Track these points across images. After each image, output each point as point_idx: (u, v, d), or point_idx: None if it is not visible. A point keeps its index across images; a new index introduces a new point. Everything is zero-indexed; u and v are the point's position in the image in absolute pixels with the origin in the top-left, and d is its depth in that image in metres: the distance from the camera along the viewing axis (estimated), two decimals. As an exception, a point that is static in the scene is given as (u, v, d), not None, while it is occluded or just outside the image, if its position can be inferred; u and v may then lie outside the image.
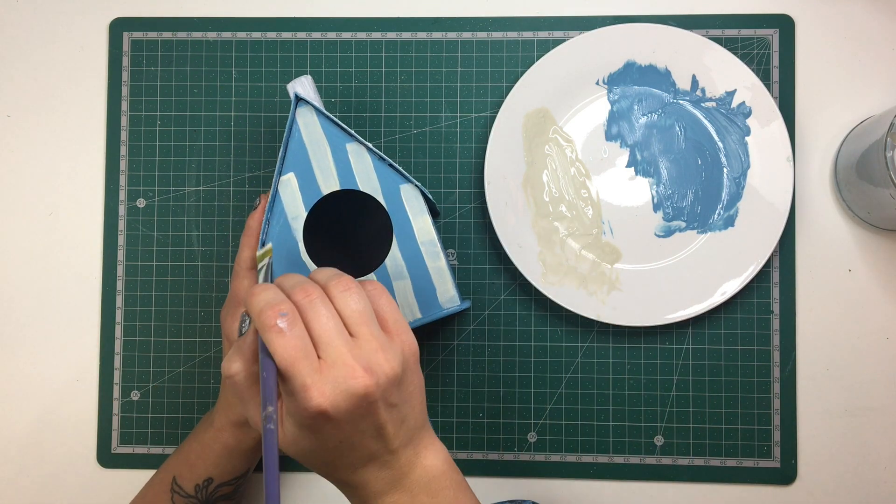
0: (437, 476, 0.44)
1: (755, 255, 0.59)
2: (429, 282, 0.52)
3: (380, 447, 0.42)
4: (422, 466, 0.43)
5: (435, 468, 0.44)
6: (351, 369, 0.39)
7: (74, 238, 0.63)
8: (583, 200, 0.61)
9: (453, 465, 0.45)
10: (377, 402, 0.40)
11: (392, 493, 0.43)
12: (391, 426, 0.42)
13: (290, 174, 0.51)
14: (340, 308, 0.41)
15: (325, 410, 0.39)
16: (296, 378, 0.39)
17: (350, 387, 0.39)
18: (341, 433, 0.40)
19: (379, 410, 0.41)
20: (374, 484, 0.43)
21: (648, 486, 0.61)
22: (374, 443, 0.42)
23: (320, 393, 0.39)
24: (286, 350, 0.39)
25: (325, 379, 0.39)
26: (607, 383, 0.61)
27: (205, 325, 0.62)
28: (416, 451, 0.44)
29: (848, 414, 0.60)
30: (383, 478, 0.43)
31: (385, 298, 0.43)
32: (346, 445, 0.41)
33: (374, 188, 0.51)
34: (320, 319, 0.40)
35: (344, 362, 0.40)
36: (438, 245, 0.51)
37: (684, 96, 0.60)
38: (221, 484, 0.54)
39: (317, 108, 0.51)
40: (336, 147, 0.51)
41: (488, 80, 0.62)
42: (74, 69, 0.63)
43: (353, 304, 0.41)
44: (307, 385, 0.39)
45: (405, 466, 0.43)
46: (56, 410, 0.63)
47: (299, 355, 0.39)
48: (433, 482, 0.44)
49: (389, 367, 0.41)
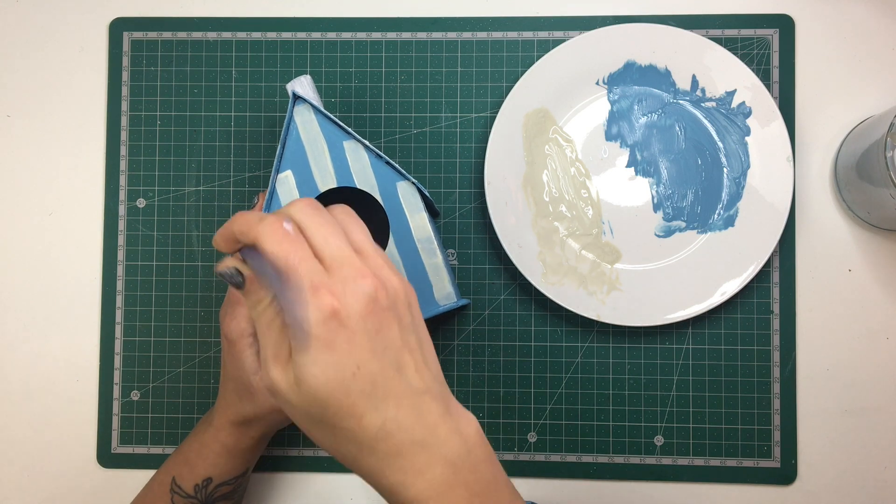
0: (476, 448, 0.39)
1: (755, 255, 0.59)
2: (425, 279, 0.52)
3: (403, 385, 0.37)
4: (460, 434, 0.38)
5: (471, 437, 0.39)
6: (359, 270, 0.37)
7: (74, 238, 0.63)
8: (583, 200, 0.61)
9: (483, 435, 0.40)
10: (388, 311, 0.37)
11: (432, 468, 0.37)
12: (411, 357, 0.38)
13: (287, 172, 0.51)
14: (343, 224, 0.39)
15: (337, 310, 0.36)
16: (304, 277, 0.36)
17: (359, 286, 0.36)
18: (356, 351, 0.36)
19: (392, 324, 0.37)
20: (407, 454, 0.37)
21: (648, 486, 0.61)
22: (395, 376, 0.37)
23: (330, 291, 0.36)
24: (291, 250, 0.36)
25: (333, 279, 0.36)
26: (607, 383, 0.61)
27: (205, 325, 0.62)
28: (448, 413, 0.39)
29: (848, 414, 0.60)
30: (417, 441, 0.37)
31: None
32: (364, 374, 0.36)
33: (371, 186, 0.51)
34: (323, 226, 0.38)
35: (351, 264, 0.37)
36: (435, 242, 0.52)
37: (684, 96, 0.60)
38: (221, 484, 0.54)
39: (314, 106, 0.51)
40: (333, 145, 0.51)
41: (488, 80, 0.62)
42: (74, 69, 0.64)
43: (357, 226, 0.40)
44: (316, 284, 0.36)
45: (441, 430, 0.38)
46: (56, 410, 0.63)
47: (305, 255, 0.36)
48: (473, 454, 0.39)
49: (398, 279, 0.38)
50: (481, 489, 0.38)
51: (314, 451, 0.62)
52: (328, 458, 0.62)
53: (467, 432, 0.39)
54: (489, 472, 0.39)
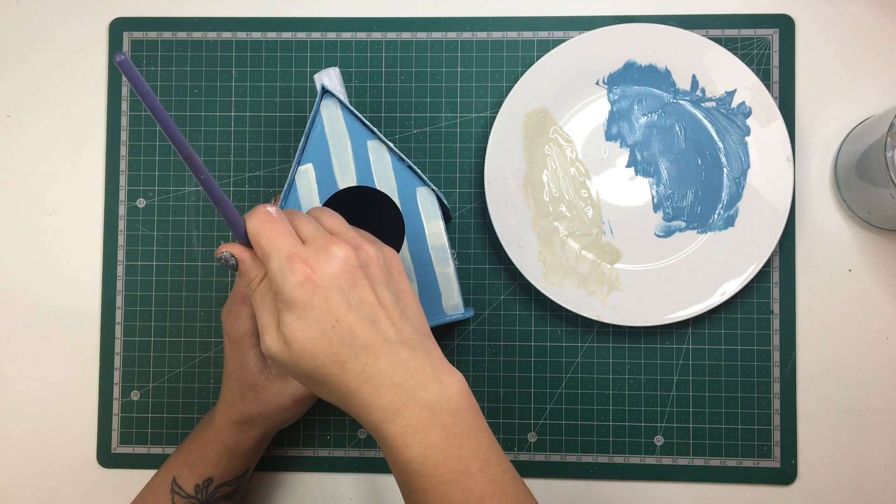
0: (457, 396, 0.42)
1: (755, 255, 0.59)
2: (435, 287, 0.52)
3: (378, 336, 0.41)
4: (441, 382, 0.42)
5: (455, 386, 0.43)
6: (331, 240, 0.42)
7: (74, 238, 0.63)
8: (583, 200, 0.61)
9: (469, 390, 0.44)
10: (359, 269, 0.42)
11: (410, 408, 0.41)
12: (384, 311, 0.42)
13: (308, 165, 0.51)
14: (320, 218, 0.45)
15: (310, 275, 0.41)
16: (281, 250, 0.41)
17: (330, 251, 0.41)
18: (333, 308, 0.41)
19: (363, 281, 0.42)
20: (386, 393, 0.41)
21: (648, 486, 0.61)
22: (371, 328, 0.41)
23: (303, 259, 0.41)
24: (271, 228, 0.42)
25: (307, 249, 0.42)
26: (607, 383, 0.61)
27: (205, 325, 0.62)
28: (430, 362, 0.43)
29: (848, 414, 0.60)
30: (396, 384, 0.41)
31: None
32: (342, 328, 0.41)
33: (391, 188, 0.51)
34: (302, 220, 0.44)
35: (325, 236, 0.43)
36: (448, 252, 0.51)
37: (684, 96, 0.60)
38: (221, 484, 0.54)
39: (342, 101, 0.50)
40: (357, 143, 0.51)
41: (488, 80, 0.62)
42: (74, 69, 0.64)
43: (333, 218, 0.45)
44: (291, 254, 0.41)
45: (419, 376, 0.42)
46: (56, 410, 0.63)
47: (283, 231, 0.42)
48: (454, 402, 0.42)
49: (371, 248, 0.43)
50: (460, 432, 0.42)
51: (314, 451, 0.62)
52: (328, 458, 0.62)
53: (448, 382, 0.43)
54: (469, 418, 0.43)
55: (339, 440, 0.62)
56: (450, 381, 0.43)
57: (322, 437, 0.62)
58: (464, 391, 0.43)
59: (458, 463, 0.41)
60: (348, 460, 0.61)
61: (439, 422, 0.42)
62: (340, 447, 0.61)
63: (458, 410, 0.42)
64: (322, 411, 0.62)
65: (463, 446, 0.42)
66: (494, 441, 0.44)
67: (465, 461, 0.42)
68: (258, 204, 0.62)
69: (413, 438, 0.41)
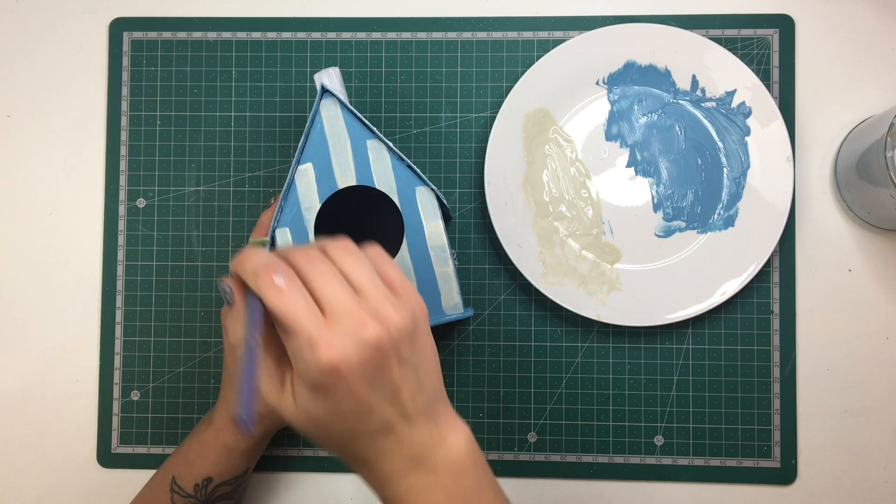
0: (461, 456, 0.41)
1: (755, 255, 0.59)
2: (434, 287, 0.52)
3: (396, 413, 0.40)
4: (445, 445, 0.41)
5: (459, 447, 0.41)
6: (359, 318, 0.38)
7: (74, 238, 0.63)
8: (583, 200, 0.61)
9: (477, 445, 0.43)
10: (389, 354, 0.38)
11: (414, 473, 0.40)
12: (406, 388, 0.40)
13: (308, 164, 0.51)
14: (341, 266, 0.40)
15: (337, 365, 0.37)
16: (301, 333, 0.37)
17: (361, 336, 0.37)
18: (355, 394, 0.38)
19: (392, 365, 0.39)
20: (393, 460, 0.40)
21: (648, 486, 0.61)
22: (389, 408, 0.40)
23: (329, 345, 0.37)
24: (288, 305, 0.37)
25: (332, 331, 0.37)
26: (607, 383, 0.61)
27: (205, 325, 0.62)
28: (437, 427, 0.41)
29: (848, 414, 0.60)
30: (403, 453, 0.40)
31: (388, 261, 0.42)
32: (361, 410, 0.39)
33: (391, 187, 0.51)
34: (321, 276, 0.39)
35: (351, 312, 0.38)
36: (448, 251, 0.51)
37: (684, 96, 0.60)
38: (221, 483, 0.54)
39: (341, 101, 0.51)
40: (357, 142, 0.51)
41: (488, 80, 0.62)
42: (74, 69, 0.64)
43: (355, 262, 0.40)
44: (314, 339, 0.37)
45: (426, 442, 0.41)
46: (56, 410, 0.63)
47: (302, 308, 0.37)
48: (458, 463, 0.41)
49: (399, 317, 0.39)
50: (463, 492, 0.41)
51: (314, 451, 0.62)
52: (328, 458, 0.61)
53: (452, 442, 0.41)
54: (473, 477, 0.42)
55: (338, 440, 0.61)
56: (455, 442, 0.41)
57: (322, 437, 0.62)
58: (468, 449, 0.42)
59: None
60: (348, 460, 0.61)
61: (441, 484, 0.40)
62: (340, 447, 0.61)
63: (462, 472, 0.41)
64: (322, 411, 0.62)
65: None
66: (500, 495, 0.43)
67: None
68: (257, 206, 0.62)
69: (415, 501, 0.40)
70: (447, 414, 0.42)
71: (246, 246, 0.51)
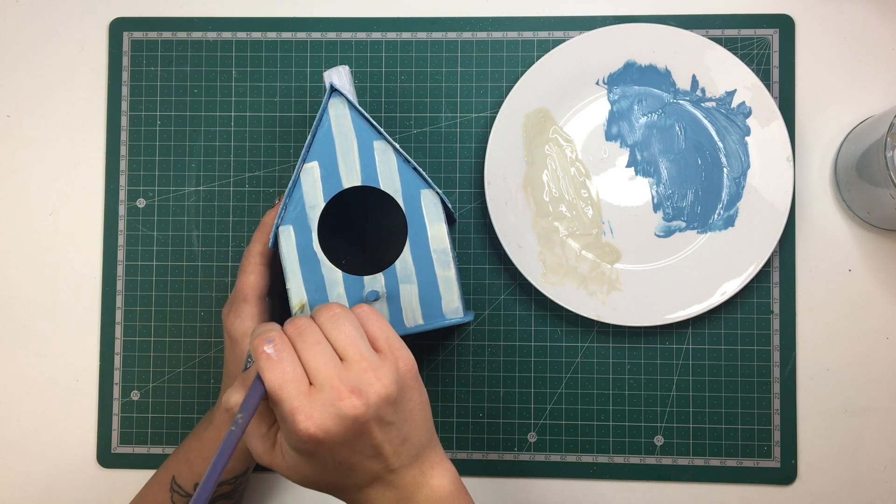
0: (444, 497, 0.44)
1: (755, 255, 0.59)
2: (435, 290, 0.52)
3: (380, 467, 0.42)
4: (429, 486, 0.43)
5: (442, 489, 0.44)
6: (338, 392, 0.40)
7: (74, 238, 0.63)
8: (583, 200, 0.61)
9: (462, 486, 0.45)
10: (369, 422, 0.41)
11: None
12: (389, 445, 0.42)
13: (314, 163, 0.51)
14: (328, 333, 0.42)
15: (315, 435, 0.40)
16: (284, 403, 0.40)
17: (339, 409, 0.40)
18: (337, 455, 0.41)
19: (373, 431, 0.41)
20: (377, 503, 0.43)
21: (648, 486, 0.61)
22: (373, 463, 0.42)
23: (308, 417, 0.40)
24: (274, 374, 0.40)
25: (313, 403, 0.40)
26: (607, 383, 0.61)
27: (205, 325, 0.62)
28: (421, 471, 0.44)
29: (848, 414, 0.60)
30: (389, 498, 0.43)
31: (375, 318, 0.44)
32: (345, 467, 0.42)
33: (396, 189, 0.51)
34: (309, 347, 0.41)
35: (332, 385, 0.40)
36: (450, 255, 0.51)
37: (684, 96, 0.60)
38: (221, 483, 0.54)
39: (350, 101, 0.50)
40: (363, 142, 0.51)
41: (488, 80, 0.62)
42: (74, 69, 0.64)
43: (341, 328, 0.42)
44: (294, 409, 0.40)
45: (410, 486, 0.43)
46: (56, 410, 0.63)
47: (287, 380, 0.40)
48: (441, 502, 0.43)
49: (381, 385, 0.41)
50: None
51: (314, 451, 0.62)
52: (328, 458, 0.62)
53: (435, 483, 0.44)
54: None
55: (338, 440, 0.61)
56: (438, 483, 0.44)
57: (322, 437, 0.62)
58: (451, 489, 0.44)
59: None
60: (348, 460, 0.61)
61: None
62: (340, 447, 0.61)
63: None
64: (322, 411, 0.62)
65: None
66: None
67: None
68: (258, 206, 0.62)
69: None
70: (433, 458, 0.44)
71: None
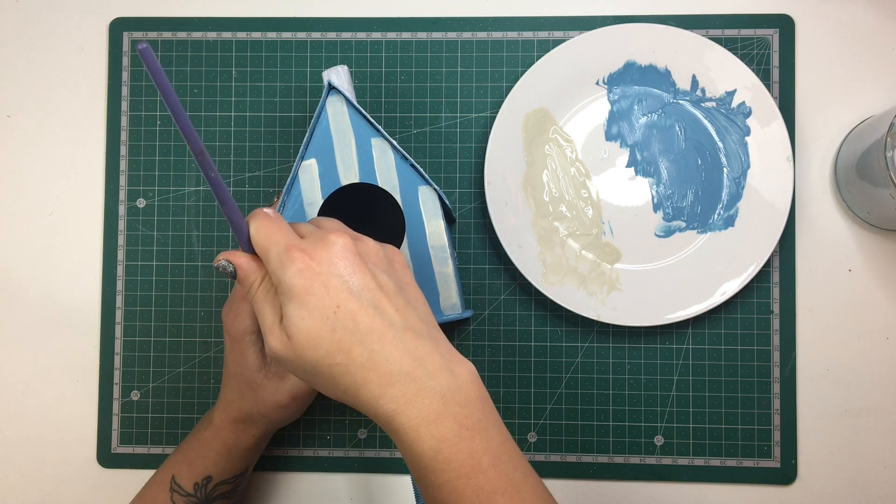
0: (466, 384, 0.41)
1: (755, 255, 0.59)
2: (433, 286, 0.52)
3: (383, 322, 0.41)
4: (450, 371, 0.41)
5: (464, 376, 0.41)
6: (330, 231, 0.43)
7: (74, 238, 0.63)
8: (583, 200, 0.61)
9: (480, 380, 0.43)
10: (357, 257, 0.42)
11: (421, 397, 0.40)
12: (388, 297, 0.41)
13: (312, 160, 0.51)
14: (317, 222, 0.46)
15: (308, 262, 0.40)
16: (279, 243, 0.41)
17: (328, 240, 0.42)
18: (333, 293, 0.40)
19: (364, 269, 0.42)
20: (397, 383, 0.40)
21: (648, 486, 0.61)
22: (375, 316, 0.41)
23: (301, 249, 0.41)
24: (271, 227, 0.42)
25: (305, 241, 0.42)
26: (607, 383, 0.61)
27: (205, 325, 0.62)
28: (438, 351, 0.41)
29: (848, 414, 0.60)
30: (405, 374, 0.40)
31: None
32: (345, 314, 0.40)
33: (393, 186, 0.51)
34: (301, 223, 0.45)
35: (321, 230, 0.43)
36: (448, 251, 0.52)
37: (684, 96, 0.60)
38: (220, 482, 0.54)
39: (347, 98, 0.51)
40: (361, 140, 0.51)
41: (488, 80, 0.62)
42: (74, 69, 0.64)
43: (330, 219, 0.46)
44: (289, 246, 0.41)
45: (428, 364, 0.41)
46: (56, 410, 0.63)
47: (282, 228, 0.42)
48: (463, 389, 0.41)
49: (369, 240, 0.44)
50: (471, 424, 0.41)
51: (314, 451, 0.62)
52: (328, 458, 0.61)
53: (459, 371, 0.42)
54: (480, 410, 0.41)
55: (338, 440, 0.61)
56: (461, 371, 0.42)
57: (322, 437, 0.62)
58: (475, 381, 0.42)
59: (470, 458, 0.40)
60: (348, 460, 0.61)
61: (451, 413, 0.40)
62: (340, 447, 0.61)
63: (469, 401, 0.41)
64: (322, 411, 0.62)
65: (475, 440, 0.40)
66: (507, 434, 0.43)
67: (476, 455, 0.40)
68: (258, 206, 0.62)
69: (425, 431, 0.40)
70: (449, 345, 0.43)
71: None
